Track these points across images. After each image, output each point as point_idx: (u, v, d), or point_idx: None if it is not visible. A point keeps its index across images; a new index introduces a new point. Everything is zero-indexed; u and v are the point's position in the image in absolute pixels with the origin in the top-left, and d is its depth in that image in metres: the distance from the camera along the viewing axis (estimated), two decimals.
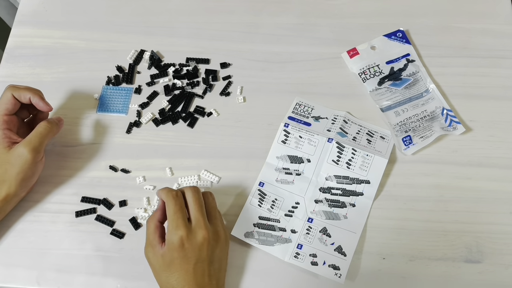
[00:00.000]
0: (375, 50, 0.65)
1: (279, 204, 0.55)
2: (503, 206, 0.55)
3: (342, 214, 0.54)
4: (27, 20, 0.70)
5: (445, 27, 0.67)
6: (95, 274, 0.53)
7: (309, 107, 0.60)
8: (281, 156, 0.57)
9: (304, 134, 0.57)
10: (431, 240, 0.54)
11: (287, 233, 0.54)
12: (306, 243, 0.53)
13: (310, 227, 0.54)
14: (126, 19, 0.70)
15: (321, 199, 0.55)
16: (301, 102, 0.61)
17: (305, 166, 0.57)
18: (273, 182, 0.56)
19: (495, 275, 0.52)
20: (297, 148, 0.57)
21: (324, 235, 0.53)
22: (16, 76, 0.66)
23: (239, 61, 0.66)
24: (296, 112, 0.60)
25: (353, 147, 0.56)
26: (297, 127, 0.58)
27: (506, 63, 0.64)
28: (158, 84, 0.65)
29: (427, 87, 0.62)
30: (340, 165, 0.56)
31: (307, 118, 0.59)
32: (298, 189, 0.56)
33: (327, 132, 0.58)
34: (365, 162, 0.55)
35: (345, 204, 0.55)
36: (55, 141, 0.61)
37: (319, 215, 0.54)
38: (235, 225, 0.54)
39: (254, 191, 0.56)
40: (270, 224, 0.54)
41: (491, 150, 0.58)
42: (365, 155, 0.56)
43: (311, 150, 0.57)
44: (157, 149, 0.60)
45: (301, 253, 0.52)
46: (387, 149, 0.57)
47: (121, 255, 0.54)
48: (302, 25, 0.68)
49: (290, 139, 0.58)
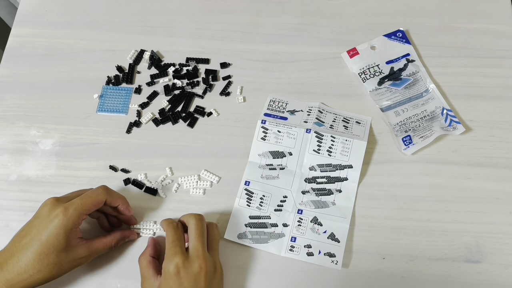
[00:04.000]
0: (375, 50, 0.65)
1: (267, 200, 0.56)
2: (503, 206, 0.55)
3: (330, 201, 0.55)
4: (27, 20, 0.70)
5: (445, 27, 0.67)
6: (95, 274, 0.53)
7: (283, 102, 0.61)
8: (262, 153, 0.57)
9: (282, 128, 0.58)
10: (431, 240, 0.54)
11: (279, 228, 0.54)
12: (299, 235, 0.54)
13: (301, 219, 0.54)
14: (126, 19, 0.70)
15: (308, 190, 0.56)
16: (274, 99, 0.61)
17: (287, 159, 0.57)
18: (259, 179, 0.57)
19: (495, 275, 0.52)
20: (277, 143, 0.57)
21: (315, 225, 0.54)
22: (16, 76, 0.66)
23: (239, 61, 0.66)
24: (271, 109, 0.60)
25: (331, 134, 0.57)
26: (274, 122, 0.58)
27: (506, 63, 0.64)
28: (158, 84, 0.65)
29: (427, 87, 0.62)
30: (322, 153, 0.56)
31: (282, 113, 0.60)
32: (284, 183, 0.56)
33: (304, 124, 0.58)
34: (345, 147, 0.56)
35: (331, 191, 0.55)
36: (55, 141, 0.61)
37: (308, 206, 0.55)
38: (226, 229, 0.54)
39: (241, 192, 0.56)
40: (261, 222, 0.55)
41: (491, 150, 0.58)
42: (344, 141, 0.56)
43: (291, 143, 0.57)
44: (157, 149, 0.61)
45: (296, 246, 0.53)
46: (364, 132, 0.58)
47: (121, 255, 0.54)
48: (302, 25, 0.68)
49: (269, 135, 0.58)
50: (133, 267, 0.53)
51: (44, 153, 0.61)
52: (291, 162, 0.57)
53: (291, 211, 0.55)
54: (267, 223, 0.55)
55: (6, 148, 0.61)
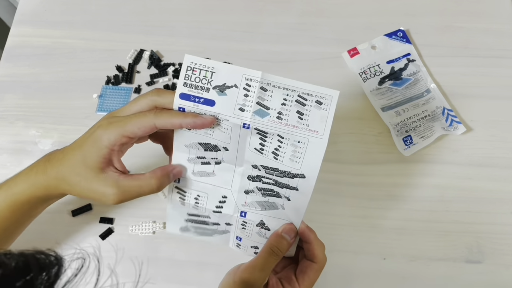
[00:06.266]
0: (376, 50, 0.65)
1: (203, 201, 0.45)
2: (504, 206, 0.55)
3: (279, 203, 0.43)
4: (27, 19, 0.70)
5: (446, 27, 0.67)
6: (94, 274, 0.53)
7: (207, 70, 0.40)
8: (190, 144, 0.42)
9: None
10: (432, 240, 0.54)
11: (222, 226, 0.46)
12: (245, 237, 0.46)
13: (245, 222, 0.45)
14: (126, 18, 0.69)
15: (252, 189, 0.43)
16: (193, 65, 0.40)
17: (223, 153, 0.42)
18: (190, 175, 0.44)
19: (496, 275, 0.52)
20: (208, 135, 0.41)
21: (262, 229, 0.45)
22: (15, 76, 0.66)
23: (239, 60, 0.65)
24: (189, 84, 0.40)
25: (278, 133, 0.39)
26: (196, 111, 0.39)
27: (507, 62, 0.64)
28: (157, 84, 0.64)
29: (428, 87, 0.62)
30: (266, 155, 0.41)
31: (207, 92, 0.39)
32: (222, 181, 0.44)
33: (240, 113, 0.39)
34: (296, 152, 0.40)
35: (279, 195, 0.43)
36: (54, 141, 0.61)
37: (252, 207, 0.44)
38: (166, 222, 0.47)
39: (172, 190, 0.45)
40: (201, 219, 0.47)
41: (491, 150, 0.58)
42: (296, 143, 0.39)
43: (225, 138, 0.41)
44: (157, 149, 0.60)
45: (242, 244, 0.47)
46: (326, 123, 0.38)
47: (121, 255, 0.54)
48: (302, 25, 0.68)
49: None
50: (134, 267, 0.53)
51: (44, 153, 0.60)
52: (229, 157, 0.42)
53: (233, 213, 0.45)
54: (208, 221, 0.46)
55: (6, 148, 0.61)
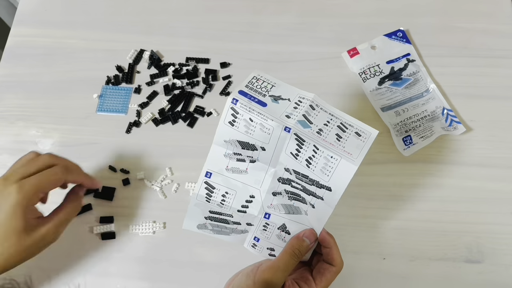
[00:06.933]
0: (376, 50, 0.65)
1: (231, 199, 0.46)
2: (504, 206, 0.55)
3: (304, 209, 0.45)
4: (27, 19, 0.70)
5: (446, 27, 0.67)
6: (95, 274, 0.53)
7: (269, 83, 0.45)
8: (229, 141, 0.45)
9: (256, 117, 0.43)
10: (432, 240, 0.54)
11: (243, 226, 0.47)
12: (264, 238, 0.47)
13: (267, 224, 0.47)
14: (126, 18, 0.69)
15: (280, 191, 0.45)
16: (259, 76, 0.45)
17: (259, 153, 0.45)
18: (223, 171, 0.46)
19: (496, 275, 0.52)
20: (248, 134, 0.44)
21: (282, 232, 0.47)
22: (15, 76, 0.66)
23: (239, 60, 0.66)
24: (250, 87, 0.44)
25: (315, 144, 0.42)
26: (247, 106, 0.43)
27: (506, 63, 0.64)
28: (157, 84, 0.65)
29: (428, 87, 0.62)
30: (299, 160, 0.43)
31: (263, 97, 0.44)
32: (253, 180, 0.46)
33: (285, 119, 0.43)
34: (328, 166, 0.42)
35: (305, 201, 0.45)
36: (54, 141, 0.61)
37: (277, 210, 0.46)
38: (184, 219, 0.48)
39: (200, 185, 0.46)
40: (222, 218, 0.48)
41: (491, 150, 0.58)
42: (329, 157, 0.41)
43: (264, 138, 0.43)
44: (156, 149, 0.60)
45: (258, 245, 0.48)
46: (360, 151, 0.41)
47: (121, 255, 0.54)
48: (302, 25, 0.68)
49: (238, 122, 0.44)
50: (133, 267, 0.53)
51: (43, 152, 0.61)
52: (264, 156, 0.45)
53: (258, 214, 0.46)
54: (229, 220, 0.47)
55: (6, 148, 0.61)
